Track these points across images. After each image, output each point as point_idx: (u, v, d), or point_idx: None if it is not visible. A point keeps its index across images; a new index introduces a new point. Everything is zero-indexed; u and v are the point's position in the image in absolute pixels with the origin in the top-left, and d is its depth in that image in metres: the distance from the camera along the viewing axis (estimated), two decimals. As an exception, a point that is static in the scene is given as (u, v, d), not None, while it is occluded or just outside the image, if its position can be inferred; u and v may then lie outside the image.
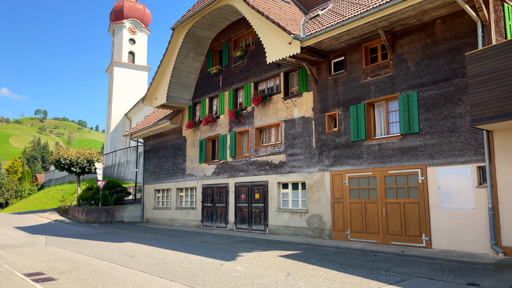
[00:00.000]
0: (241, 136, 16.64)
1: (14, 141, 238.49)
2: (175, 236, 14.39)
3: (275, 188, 14.49)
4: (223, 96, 17.51)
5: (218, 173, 17.36)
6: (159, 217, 21.09)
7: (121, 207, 21.65)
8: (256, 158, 15.42)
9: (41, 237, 14.82)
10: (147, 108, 51.82)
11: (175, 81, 18.73)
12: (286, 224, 13.91)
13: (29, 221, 21.22)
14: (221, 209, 16.97)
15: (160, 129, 21.04)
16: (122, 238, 14.30)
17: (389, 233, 10.92)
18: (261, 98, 14.93)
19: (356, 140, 11.88)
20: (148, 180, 22.47)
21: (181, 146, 20.04)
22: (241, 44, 17.18)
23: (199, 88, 19.11)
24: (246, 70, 16.36)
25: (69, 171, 23.79)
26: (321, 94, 13.17)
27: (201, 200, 18.21)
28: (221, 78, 17.76)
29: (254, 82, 15.92)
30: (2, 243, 13.06)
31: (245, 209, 15.72)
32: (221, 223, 16.87)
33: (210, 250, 10.74)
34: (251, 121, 15.86)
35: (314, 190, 13.07)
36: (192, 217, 18.69)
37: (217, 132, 17.65)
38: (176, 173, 20.18)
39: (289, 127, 14.15)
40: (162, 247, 11.66)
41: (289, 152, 14.06)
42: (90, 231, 16.96)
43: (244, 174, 15.95)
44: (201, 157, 18.41)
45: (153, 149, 22.34)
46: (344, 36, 11.51)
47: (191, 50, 18.31)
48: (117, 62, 59.24)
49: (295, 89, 14.47)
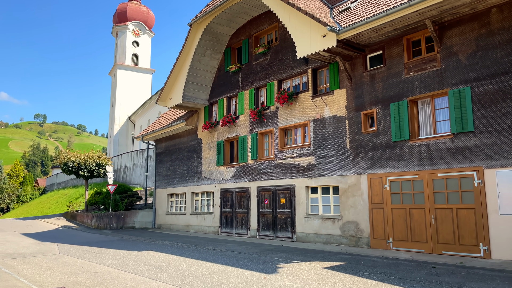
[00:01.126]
0: (264, 137, 15.72)
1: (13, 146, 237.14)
2: (197, 244, 13.43)
3: (303, 192, 13.55)
4: (243, 95, 16.61)
5: (238, 176, 16.42)
6: (173, 223, 20.10)
7: (132, 213, 20.67)
8: (281, 161, 14.49)
9: (52, 245, 13.84)
10: (152, 111, 50.98)
11: (192, 80, 17.83)
12: (316, 231, 12.96)
13: (36, 227, 20.22)
14: (242, 215, 16.01)
15: (174, 130, 20.11)
16: (140, 246, 13.33)
17: (439, 242, 9.97)
18: (287, 97, 14.03)
19: (398, 140, 10.97)
20: (160, 184, 21.51)
21: (196, 148, 19.10)
22: (262, 41, 16.31)
23: (216, 88, 18.21)
24: (269, 68, 15.47)
25: (77, 174, 22.83)
26: (355, 91, 12.26)
27: (219, 205, 17.25)
28: (241, 77, 16.86)
29: (278, 80, 15.02)
30: (12, 251, 12.08)
31: (269, 214, 14.76)
32: (242, 230, 15.90)
33: (242, 261, 9.78)
34: (274, 121, 14.95)
35: (348, 194, 12.14)
36: (209, 223, 17.72)
37: (236, 133, 16.73)
38: (191, 176, 19.23)
39: (319, 127, 13.24)
40: (187, 256, 10.69)
41: (319, 154, 13.14)
42: (103, 238, 15.97)
43: (267, 178, 15.01)
44: (218, 160, 17.48)
45: (166, 151, 21.40)
46: (386, 28, 10.63)
47: (209, 47, 17.43)
48: (120, 65, 58.40)
49: (324, 87, 13.57)
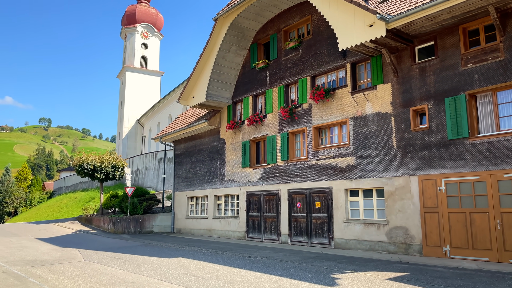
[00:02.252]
0: (295, 136, 14.84)
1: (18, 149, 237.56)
2: (227, 250, 12.52)
3: (342, 195, 12.64)
4: (270, 93, 15.76)
5: (266, 178, 15.53)
6: (193, 227, 19.21)
7: (151, 217, 19.80)
8: (316, 162, 13.60)
9: (74, 250, 12.98)
10: (161, 113, 50.25)
11: (215, 78, 17.01)
12: (358, 238, 12.02)
13: (51, 232, 19.38)
14: (271, 219, 15.11)
15: (194, 131, 19.27)
16: (167, 252, 12.45)
17: (506, 249, 9.03)
18: (323, 93, 13.15)
19: (455, 138, 10.06)
20: (179, 187, 20.65)
21: (219, 149, 18.25)
22: (292, 35, 15.48)
23: (241, 86, 17.37)
24: (301, 63, 14.62)
25: (92, 177, 22.01)
26: (402, 86, 11.38)
27: (244, 208, 16.36)
28: (269, 73, 16.02)
29: (311, 76, 14.17)
30: (33, 258, 11.22)
31: (302, 219, 13.85)
32: (271, 235, 14.99)
33: (289, 270, 8.87)
34: (307, 119, 14.07)
35: (396, 198, 11.22)
36: (234, 227, 16.82)
37: (264, 133, 15.86)
38: (213, 179, 18.36)
39: (360, 125, 12.35)
40: (225, 264, 9.80)
41: (360, 153, 12.24)
42: (125, 243, 15.11)
43: (299, 180, 14.12)
44: (244, 161, 16.60)
45: (185, 153, 20.55)
46: (443, 15, 9.75)
47: (234, 43, 16.61)
48: (129, 67, 57.79)
49: (365, 82, 12.69)
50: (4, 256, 11.73)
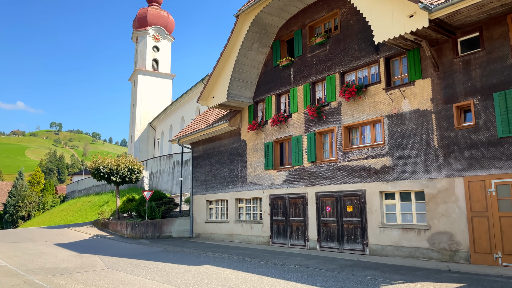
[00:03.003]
0: (322, 137, 14.13)
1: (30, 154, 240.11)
2: (255, 257, 11.84)
3: (376, 198, 11.89)
4: (295, 91, 15.09)
5: (291, 181, 14.84)
6: (213, 232, 18.58)
7: (169, 221, 19.22)
8: (347, 163, 12.87)
9: (94, 257, 12.42)
10: (174, 116, 49.85)
11: (236, 77, 16.40)
12: (396, 244, 11.25)
13: (67, 237, 18.91)
14: (298, 224, 14.40)
15: (213, 132, 18.67)
16: (192, 259, 11.81)
17: None
18: (355, 90, 12.44)
19: (506, 136, 9.27)
20: (198, 190, 20.05)
21: (239, 151, 17.61)
22: (318, 30, 14.80)
23: (263, 85, 16.73)
24: (329, 59, 13.93)
25: (108, 180, 21.53)
26: (444, 81, 10.62)
27: (268, 212, 15.67)
28: (293, 71, 15.36)
29: (340, 72, 13.47)
30: (54, 266, 10.67)
31: (332, 224, 13.12)
32: (298, 240, 14.27)
33: (331, 281, 8.16)
34: (337, 118, 13.36)
35: (438, 201, 10.44)
36: (257, 232, 16.14)
37: (288, 134, 15.18)
38: (234, 181, 17.72)
39: (396, 123, 11.60)
40: (257, 273, 9.12)
41: (396, 154, 11.49)
42: (145, 249, 14.52)
43: (329, 182, 13.40)
44: (267, 163, 15.93)
45: (204, 155, 19.96)
46: (493, 3, 8.99)
47: (256, 40, 16.00)
48: (141, 70, 57.59)
49: (400, 77, 11.96)
50: (22, 263, 11.20)
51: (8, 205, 47.89)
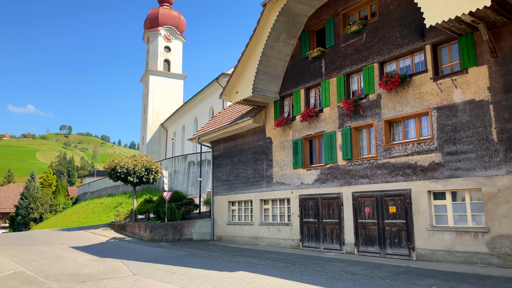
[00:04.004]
0: (358, 132, 13.13)
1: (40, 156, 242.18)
2: (291, 262, 10.86)
3: (424, 198, 10.85)
4: (327, 84, 14.12)
5: (323, 180, 13.84)
6: (236, 235, 17.64)
7: (190, 223, 18.32)
8: (388, 160, 11.85)
9: (116, 261, 11.54)
10: (186, 117, 49.05)
11: (263, 70, 15.48)
12: (448, 248, 10.20)
13: (84, 239, 18.11)
14: (332, 226, 13.39)
15: (235, 130, 17.75)
16: (223, 264, 10.87)
17: None
18: (399, 80, 11.42)
19: None
20: (219, 191, 19.13)
21: (264, 149, 16.66)
22: (352, 18, 13.82)
23: (290, 78, 15.78)
24: (365, 49, 12.94)
25: (125, 181, 20.73)
26: (503, 68, 9.57)
27: (298, 214, 14.69)
28: (324, 63, 14.39)
29: (379, 62, 12.46)
30: (75, 272, 9.80)
31: (372, 226, 12.09)
32: (333, 244, 13.26)
33: (392, 290, 7.17)
34: (376, 112, 12.36)
35: (499, 200, 9.37)
36: (286, 235, 15.15)
37: (320, 130, 14.20)
38: (258, 181, 16.77)
39: (446, 115, 10.56)
40: (302, 281, 8.15)
41: (447, 149, 10.45)
42: (168, 253, 13.62)
43: (367, 181, 12.38)
44: (296, 161, 14.96)
45: (225, 154, 19.05)
46: None
47: (284, 31, 15.06)
48: (152, 71, 57.01)
49: (449, 66, 10.92)
50: (41, 268, 10.36)
51: (20, 207, 47.49)
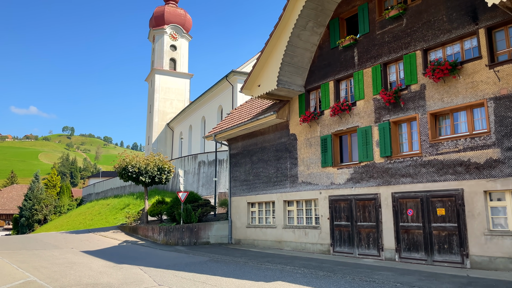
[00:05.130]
0: (398, 127, 12.00)
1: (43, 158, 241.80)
2: (330, 270, 9.72)
3: (480, 199, 9.70)
4: (361, 75, 12.99)
5: (357, 180, 12.71)
6: (257, 238, 16.50)
7: (206, 225, 17.20)
8: (435, 157, 10.71)
9: (134, 268, 10.42)
10: (193, 116, 47.96)
11: (288, 61, 14.36)
12: (510, 255, 9.04)
13: (95, 243, 17.00)
14: (368, 230, 12.25)
15: (256, 126, 16.63)
16: (254, 272, 9.74)
17: None
18: (449, 68, 10.28)
19: None
20: (236, 191, 18.01)
21: (288, 147, 15.54)
22: (389, 3, 12.70)
23: (316, 70, 14.67)
24: (406, 35, 11.81)
25: (136, 181, 19.64)
26: None
27: (328, 216, 13.55)
28: (357, 52, 13.26)
29: (422, 49, 11.33)
30: (92, 281, 8.68)
31: (416, 230, 10.94)
32: (369, 250, 12.12)
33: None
34: (419, 104, 11.22)
35: None
36: (314, 239, 14.01)
37: (352, 125, 13.07)
38: (282, 181, 15.64)
39: (506, 106, 9.42)
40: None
41: (508, 144, 9.31)
42: (188, 259, 12.49)
43: (410, 181, 11.24)
44: (325, 159, 13.83)
45: (243, 152, 17.93)
46: None
47: (311, 18, 13.94)
48: (158, 70, 55.98)
49: (508, 51, 9.77)
50: (53, 277, 9.26)
51: (24, 208, 46.49)
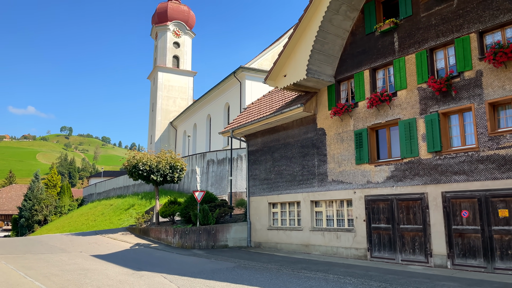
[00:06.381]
0: (447, 119, 10.81)
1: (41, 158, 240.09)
2: (381, 280, 8.51)
3: (553, 198, 8.52)
4: (402, 62, 11.80)
5: (399, 178, 11.51)
6: (280, 241, 15.28)
7: (224, 227, 15.96)
8: (496, 151, 9.52)
9: (157, 276, 9.19)
10: (198, 114, 46.67)
11: (318, 48, 13.16)
12: None
13: (104, 246, 15.72)
14: (413, 234, 11.04)
15: (279, 121, 15.41)
16: (293, 281, 8.51)
17: None
18: (515, 51, 9.11)
19: None
20: (256, 191, 16.79)
21: (315, 142, 14.33)
22: (436, -17, 11.52)
23: (349, 58, 13.47)
24: (458, 17, 10.62)
25: (147, 179, 18.40)
26: None
27: (364, 218, 12.35)
28: (398, 37, 12.07)
29: (477, 32, 10.14)
30: (114, 294, 7.45)
31: (473, 234, 9.74)
32: (414, 255, 10.90)
33: None
34: (475, 93, 10.04)
35: None
36: (347, 243, 12.80)
37: (392, 117, 11.88)
38: (308, 179, 14.43)
39: None
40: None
41: None
42: (212, 265, 11.26)
43: (464, 178, 10.04)
44: (360, 156, 12.63)
45: (264, 148, 16.71)
46: None
47: (345, 1, 12.74)
48: (161, 67, 54.70)
49: None
50: (67, 287, 8.00)
51: (24, 208, 45.12)
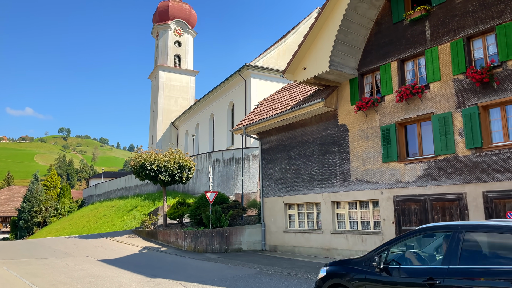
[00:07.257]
0: (488, 112, 9.99)
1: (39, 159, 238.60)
2: None
3: None
4: (435, 52, 10.98)
5: (433, 176, 10.68)
6: (297, 245, 14.42)
7: (238, 230, 15.09)
8: (546, 146, 8.70)
9: (175, 284, 8.32)
10: (200, 114, 45.82)
11: (342, 39, 12.34)
12: None
13: (111, 250, 14.81)
14: (449, 236, 10.19)
15: (294, 118, 14.58)
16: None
17: None
18: None
19: None
20: (270, 191, 15.93)
21: (336, 139, 13.50)
22: (472, -33, 10.71)
23: (373, 49, 12.65)
24: (499, 2, 9.81)
25: (155, 180, 17.53)
26: None
27: (393, 220, 11.51)
28: (429, 26, 11.25)
29: (523, 18, 9.35)
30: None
31: (521, 236, 8.91)
32: (452, 260, 10.06)
33: None
34: (520, 84, 9.23)
35: None
36: (374, 247, 11.94)
37: (425, 111, 11.05)
38: (329, 179, 13.59)
39: None
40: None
41: None
42: (231, 270, 10.38)
43: (509, 177, 9.22)
44: (387, 153, 11.80)
45: (279, 147, 15.86)
46: None
47: (371, -12, 11.96)
48: (162, 66, 53.83)
49: None
50: (78, 299, 7.12)
51: (23, 210, 44.10)
